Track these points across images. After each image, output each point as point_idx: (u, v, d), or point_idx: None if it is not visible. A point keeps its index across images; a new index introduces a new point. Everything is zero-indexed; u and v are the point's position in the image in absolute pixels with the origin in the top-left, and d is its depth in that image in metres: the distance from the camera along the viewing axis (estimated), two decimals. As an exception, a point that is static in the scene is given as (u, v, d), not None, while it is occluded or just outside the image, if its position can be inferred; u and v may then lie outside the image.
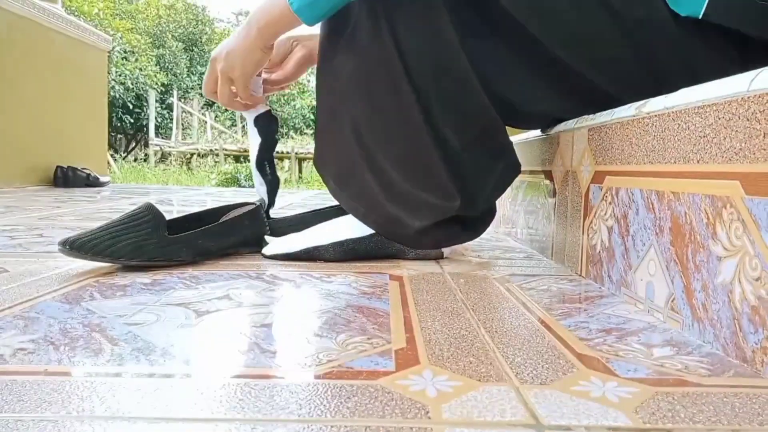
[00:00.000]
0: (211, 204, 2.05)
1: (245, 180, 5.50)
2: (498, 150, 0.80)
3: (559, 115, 0.82)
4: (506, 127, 0.82)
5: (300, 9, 0.68)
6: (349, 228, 0.82)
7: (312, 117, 12.61)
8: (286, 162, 7.89)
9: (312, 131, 11.82)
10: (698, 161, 0.47)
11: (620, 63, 0.68)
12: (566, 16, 0.67)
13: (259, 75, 0.87)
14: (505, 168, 0.82)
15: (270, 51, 0.78)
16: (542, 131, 0.94)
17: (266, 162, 0.90)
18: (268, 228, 0.89)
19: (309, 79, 14.17)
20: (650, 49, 0.66)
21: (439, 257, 0.85)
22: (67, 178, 2.88)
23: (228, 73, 0.78)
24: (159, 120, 10.68)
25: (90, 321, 0.49)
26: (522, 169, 1.04)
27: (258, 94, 0.86)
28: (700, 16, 0.60)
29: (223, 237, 0.81)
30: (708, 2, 0.60)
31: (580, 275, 0.74)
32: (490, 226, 0.88)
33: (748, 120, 0.41)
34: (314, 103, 0.93)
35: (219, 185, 5.32)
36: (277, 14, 0.71)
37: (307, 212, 0.99)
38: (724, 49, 0.64)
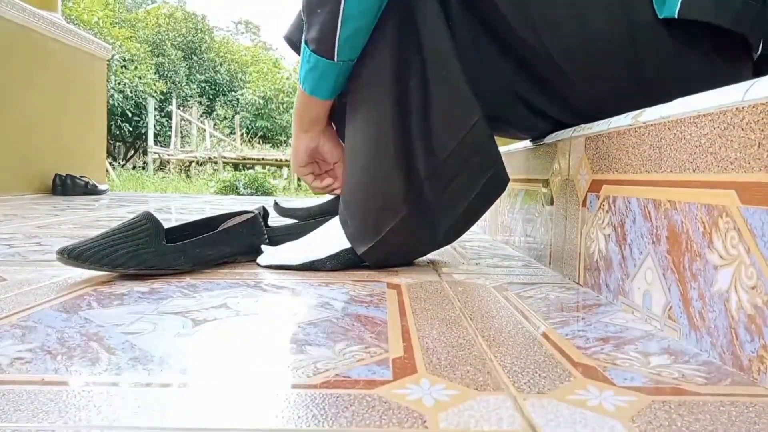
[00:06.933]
0: (209, 212, 2.05)
1: (244, 188, 5.50)
2: (484, 160, 0.76)
3: (552, 126, 0.83)
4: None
5: (313, 91, 0.76)
6: (343, 237, 0.82)
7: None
8: (285, 170, 7.90)
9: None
10: (694, 170, 0.48)
11: (613, 67, 0.69)
12: (563, 15, 0.68)
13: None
14: (489, 180, 0.76)
15: (312, 134, 0.84)
16: (533, 141, 0.95)
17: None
18: (266, 237, 0.89)
19: (308, 87, 14.17)
20: (643, 52, 0.67)
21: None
22: (65, 186, 2.87)
23: (304, 172, 0.90)
24: (158, 128, 10.69)
25: (87, 330, 0.49)
26: (520, 177, 1.05)
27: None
28: (676, 16, 0.62)
29: (221, 245, 0.81)
30: (681, 1, 0.62)
31: (578, 283, 0.74)
32: (489, 234, 0.88)
33: (742, 130, 0.42)
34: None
35: (217, 193, 5.31)
36: (302, 105, 0.80)
37: (306, 221, 0.99)
38: (707, 50, 0.66)
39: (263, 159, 8.00)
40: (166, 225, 0.77)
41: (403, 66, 0.72)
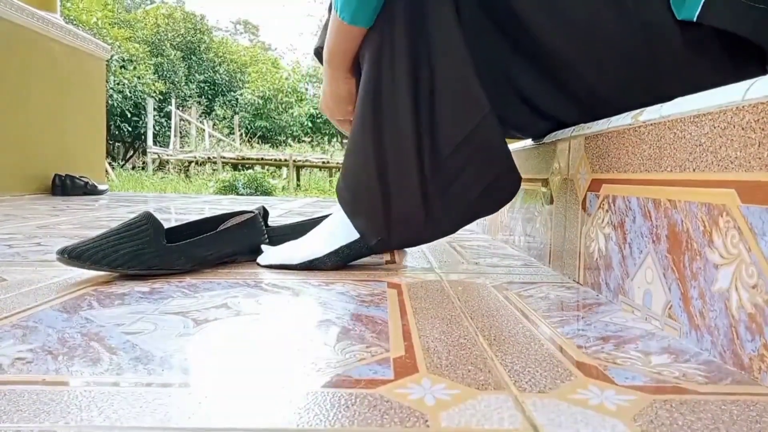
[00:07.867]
0: (209, 212, 2.05)
1: (243, 188, 5.49)
2: (490, 160, 0.73)
3: (552, 126, 0.83)
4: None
5: (353, 18, 0.70)
6: (340, 234, 0.81)
7: (309, 125, 12.62)
8: (284, 170, 7.90)
9: (309, 139, 11.84)
10: (694, 169, 0.48)
11: (623, 65, 0.68)
12: (576, 12, 0.67)
13: None
14: (495, 182, 0.74)
15: (351, 78, 0.79)
16: (534, 140, 0.95)
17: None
18: (266, 236, 0.89)
19: (306, 87, 14.20)
20: (654, 53, 0.66)
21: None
22: (65, 186, 2.87)
23: (333, 118, 0.85)
24: (157, 128, 10.67)
25: (88, 330, 0.49)
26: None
27: None
28: (695, 19, 0.61)
29: (221, 245, 0.81)
30: (702, 4, 0.61)
31: (578, 283, 0.74)
32: (489, 234, 0.87)
33: (743, 129, 0.42)
34: (312, 110, 0.94)
35: (217, 193, 5.31)
36: (334, 36, 0.73)
37: (305, 220, 1.00)
38: (719, 57, 0.65)
39: (262, 159, 7.98)
40: (166, 225, 0.77)
41: (414, 54, 0.70)
